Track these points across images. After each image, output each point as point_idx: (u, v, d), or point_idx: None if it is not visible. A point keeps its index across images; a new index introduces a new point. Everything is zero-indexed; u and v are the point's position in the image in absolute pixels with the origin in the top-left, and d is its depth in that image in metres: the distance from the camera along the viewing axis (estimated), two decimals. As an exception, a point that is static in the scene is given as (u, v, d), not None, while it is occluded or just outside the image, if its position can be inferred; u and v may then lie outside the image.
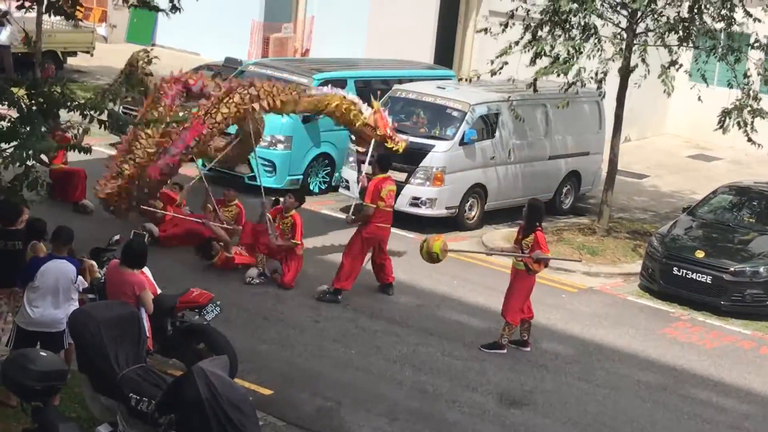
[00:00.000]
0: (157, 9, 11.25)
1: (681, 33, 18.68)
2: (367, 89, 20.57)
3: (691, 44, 19.03)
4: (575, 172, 21.69)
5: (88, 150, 11.35)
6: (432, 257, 14.15)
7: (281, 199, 16.45)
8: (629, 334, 15.71)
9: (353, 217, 16.10)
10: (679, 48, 18.88)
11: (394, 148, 17.33)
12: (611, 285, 17.92)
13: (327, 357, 13.69)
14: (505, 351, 14.34)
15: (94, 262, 12.18)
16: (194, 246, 16.55)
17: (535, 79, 18.87)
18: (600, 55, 18.44)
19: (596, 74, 18.64)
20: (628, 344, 15.29)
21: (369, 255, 15.85)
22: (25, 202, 9.90)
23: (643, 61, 18.50)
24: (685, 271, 17.02)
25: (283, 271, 15.84)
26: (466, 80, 19.51)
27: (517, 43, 18.66)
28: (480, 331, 14.94)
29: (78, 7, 10.76)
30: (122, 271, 11.42)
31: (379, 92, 18.58)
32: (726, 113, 18.77)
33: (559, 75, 18.41)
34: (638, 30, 19.00)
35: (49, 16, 11.31)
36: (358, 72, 21.60)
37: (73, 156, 16.95)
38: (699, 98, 19.84)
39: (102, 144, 21.02)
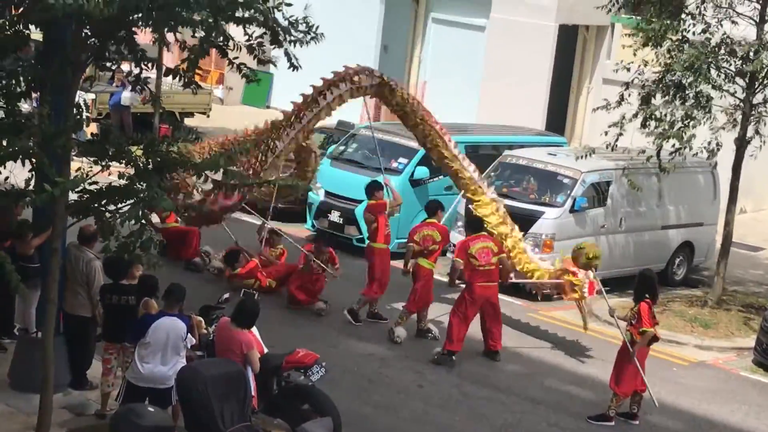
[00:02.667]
0: (269, 62, 11.40)
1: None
2: (477, 155, 20.58)
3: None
4: (688, 242, 21.29)
5: (200, 210, 11.55)
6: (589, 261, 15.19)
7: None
8: (742, 410, 15.28)
9: (453, 279, 16.06)
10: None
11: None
12: (724, 359, 17.49)
13: (431, 423, 13.57)
14: (612, 423, 14.06)
15: (201, 319, 12.33)
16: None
17: (659, 151, 18.62)
18: (712, 123, 18.19)
19: (709, 144, 18.36)
20: (740, 421, 14.86)
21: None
22: (140, 259, 10.08)
23: (757, 132, 18.19)
24: (801, 347, 16.54)
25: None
26: (580, 157, 19.31)
27: (635, 116, 18.50)
28: (588, 402, 14.68)
29: (197, 71, 11.01)
30: (232, 330, 11.53)
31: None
32: None
33: (674, 144, 18.20)
34: (755, 101, 18.70)
35: (169, 77, 11.57)
36: (469, 137, 21.63)
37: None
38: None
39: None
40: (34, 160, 9.79)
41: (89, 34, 10.02)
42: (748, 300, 20.11)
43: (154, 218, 16.80)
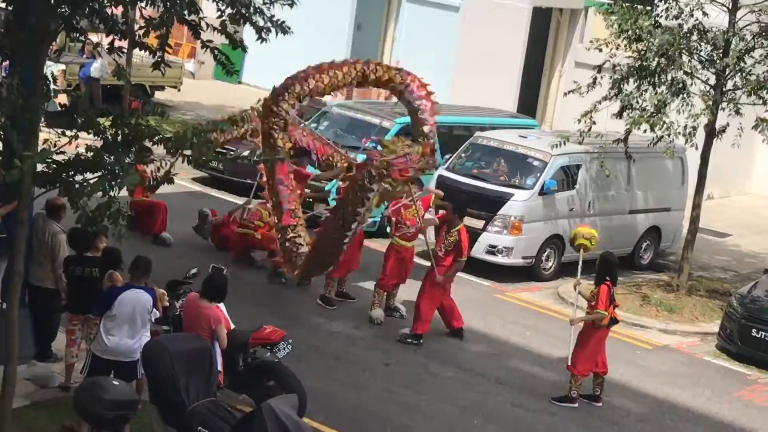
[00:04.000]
0: (239, 46, 11.33)
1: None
2: (449, 135, 20.59)
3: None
4: (655, 227, 21.42)
5: (171, 180, 11.45)
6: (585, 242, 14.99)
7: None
8: (704, 395, 15.42)
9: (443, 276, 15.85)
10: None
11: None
12: (688, 344, 17.63)
13: (396, 401, 13.62)
14: (576, 405, 14.16)
15: (164, 291, 12.28)
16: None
17: (626, 136, 18.70)
18: (690, 110, 18.26)
19: (685, 128, 18.42)
20: (702, 405, 15.00)
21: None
22: (106, 230, 10.02)
23: (738, 111, 18.27)
24: (764, 333, 16.68)
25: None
26: (555, 146, 19.30)
27: (605, 98, 18.56)
28: (552, 384, 14.77)
29: (167, 49, 10.94)
30: (200, 305, 11.50)
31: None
32: None
33: (646, 131, 18.26)
34: (726, 87, 18.80)
35: (140, 50, 11.51)
36: (440, 117, 21.55)
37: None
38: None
39: (185, 178, 21.29)
40: (1, 133, 9.70)
41: (58, 1, 9.92)
42: (713, 285, 20.28)
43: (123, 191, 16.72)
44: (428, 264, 15.89)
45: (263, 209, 17.26)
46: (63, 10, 10.04)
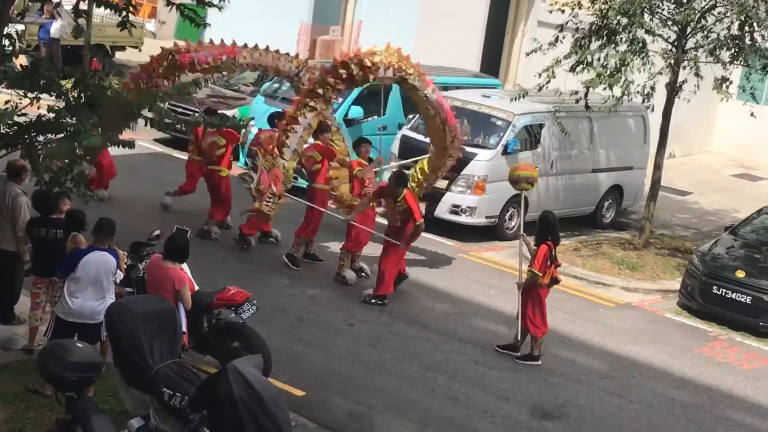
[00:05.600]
0: (206, 4, 11.26)
1: (732, 50, 18.54)
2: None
3: (741, 62, 18.89)
4: (618, 186, 21.56)
5: (131, 144, 11.41)
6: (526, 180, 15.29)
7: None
8: (665, 351, 15.60)
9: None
10: (729, 65, 18.74)
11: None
12: (649, 301, 17.81)
13: (360, 361, 13.69)
14: (539, 362, 14.28)
15: (125, 253, 12.22)
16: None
17: (586, 93, 18.77)
18: (650, 69, 18.33)
19: (644, 88, 18.50)
20: (664, 362, 15.17)
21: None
22: (68, 191, 9.97)
23: (697, 74, 18.37)
24: (724, 290, 16.88)
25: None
26: (514, 99, 19.34)
27: (566, 57, 18.59)
28: (515, 342, 14.88)
29: (130, 8, 10.85)
30: (164, 266, 11.46)
31: None
32: None
33: (605, 88, 18.32)
34: (687, 46, 18.88)
35: (98, 6, 11.40)
36: (403, 77, 21.53)
37: (116, 151, 17.12)
38: (752, 114, 19.69)
39: (147, 140, 21.17)
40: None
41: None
42: (674, 243, 20.47)
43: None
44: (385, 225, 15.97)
45: None
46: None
